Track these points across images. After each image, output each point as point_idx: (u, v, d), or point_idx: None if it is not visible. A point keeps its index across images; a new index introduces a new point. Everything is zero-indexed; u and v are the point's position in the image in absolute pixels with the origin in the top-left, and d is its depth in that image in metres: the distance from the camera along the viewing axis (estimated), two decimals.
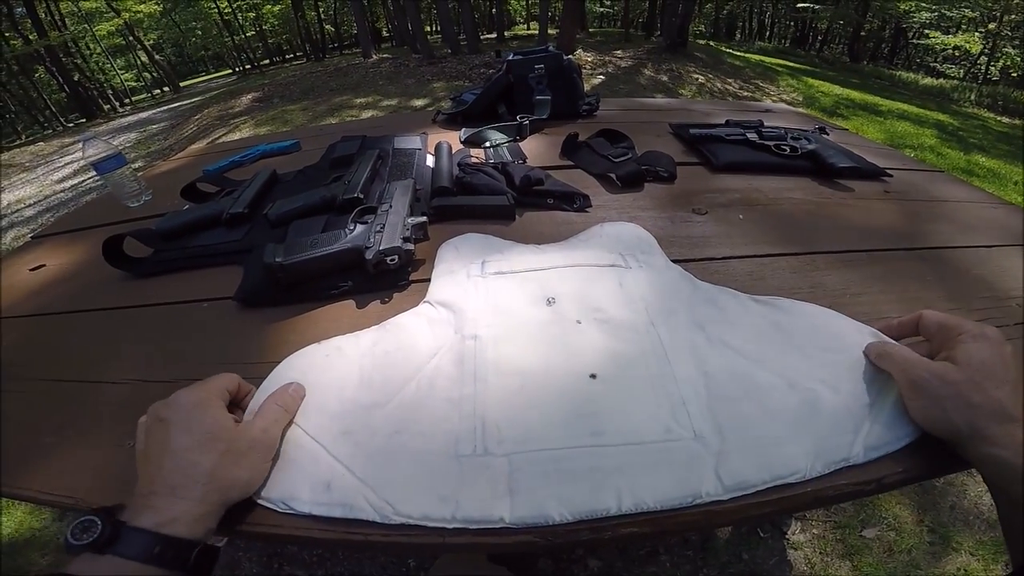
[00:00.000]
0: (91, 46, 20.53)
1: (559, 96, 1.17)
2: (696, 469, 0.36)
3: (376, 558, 1.14)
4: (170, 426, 0.35)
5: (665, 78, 6.67)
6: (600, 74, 6.68)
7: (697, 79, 6.67)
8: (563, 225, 0.71)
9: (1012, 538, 0.34)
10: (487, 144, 1.03)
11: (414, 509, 0.35)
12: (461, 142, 1.07)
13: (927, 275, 0.60)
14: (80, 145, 0.91)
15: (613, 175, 0.85)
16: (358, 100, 6.39)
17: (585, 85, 1.27)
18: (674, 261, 0.60)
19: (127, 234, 0.70)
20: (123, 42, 21.64)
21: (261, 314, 0.57)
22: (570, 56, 1.21)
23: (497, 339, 0.47)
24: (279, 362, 0.47)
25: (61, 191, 5.08)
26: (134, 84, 26.08)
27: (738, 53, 9.64)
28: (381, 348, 0.48)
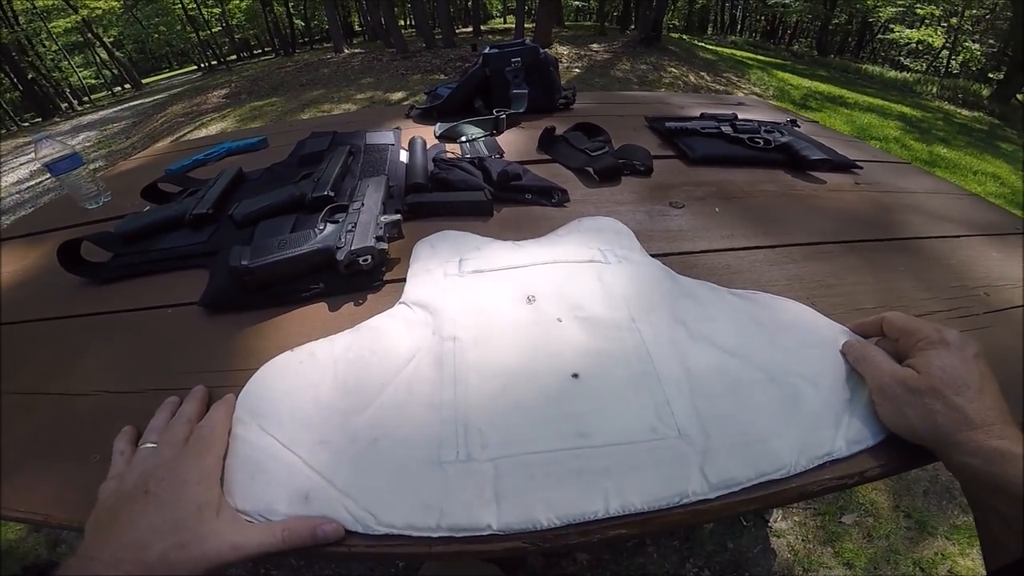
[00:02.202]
0: (46, 43, 19.58)
1: (536, 89, 1.16)
2: (682, 468, 0.36)
3: (363, 561, 1.13)
4: (151, 502, 0.33)
5: (641, 69, 6.73)
6: (577, 68, 6.70)
7: (672, 72, 6.75)
8: (541, 220, 0.70)
9: (987, 545, 0.34)
10: (463, 138, 1.01)
11: (397, 518, 0.34)
12: (436, 137, 1.05)
13: (899, 265, 0.61)
14: (33, 146, 0.86)
15: (590, 169, 0.84)
16: (330, 95, 6.26)
17: (562, 78, 1.26)
18: (652, 255, 0.60)
19: (84, 238, 0.67)
20: (81, 39, 20.71)
21: (229, 319, 0.55)
22: (547, 49, 1.20)
23: (477, 340, 0.46)
24: (248, 370, 0.45)
25: (16, 193, 4.86)
26: (93, 82, 25.06)
27: (710, 47, 9.79)
28: (355, 352, 0.46)
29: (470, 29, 13.80)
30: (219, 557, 0.32)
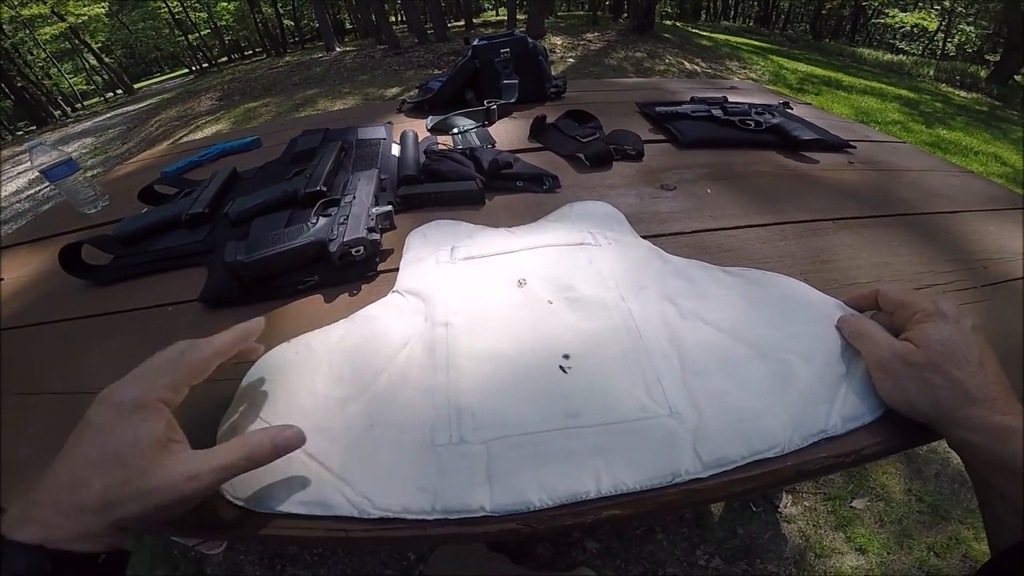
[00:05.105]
0: (34, 52, 19.46)
1: (526, 79, 1.16)
2: (673, 446, 0.35)
3: (377, 554, 1.13)
4: (86, 431, 0.31)
5: (636, 57, 6.69)
6: (571, 57, 6.65)
7: (666, 59, 6.70)
8: (533, 207, 0.70)
9: (990, 524, 0.33)
10: (455, 130, 1.01)
11: (393, 502, 0.34)
12: (428, 130, 1.05)
13: (893, 241, 0.61)
14: (29, 153, 0.86)
15: (581, 155, 0.84)
16: (323, 94, 6.24)
17: (556, 68, 1.26)
18: (644, 237, 0.60)
19: (84, 242, 0.67)
20: (69, 46, 20.60)
21: (228, 315, 0.55)
22: (536, 39, 1.19)
23: (468, 325, 0.46)
24: (247, 362, 0.46)
25: (16, 202, 4.86)
26: (85, 88, 24.98)
27: (704, 33, 9.71)
28: (350, 341, 0.46)
29: (462, 23, 13.69)
30: (172, 491, 0.29)
